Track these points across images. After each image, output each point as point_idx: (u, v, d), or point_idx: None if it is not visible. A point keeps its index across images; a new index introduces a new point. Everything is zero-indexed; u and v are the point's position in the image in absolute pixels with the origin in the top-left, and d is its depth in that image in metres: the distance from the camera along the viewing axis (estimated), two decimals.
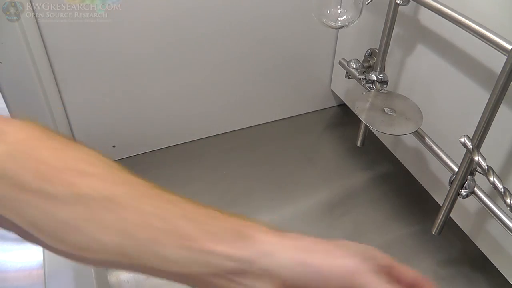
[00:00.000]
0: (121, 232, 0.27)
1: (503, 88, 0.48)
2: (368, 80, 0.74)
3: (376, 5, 0.70)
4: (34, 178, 0.26)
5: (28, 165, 0.27)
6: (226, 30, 0.82)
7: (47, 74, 0.73)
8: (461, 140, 0.36)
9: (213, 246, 0.27)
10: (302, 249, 0.29)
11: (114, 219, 0.27)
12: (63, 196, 0.26)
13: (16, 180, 0.26)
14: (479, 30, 0.51)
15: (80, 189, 0.27)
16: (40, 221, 0.26)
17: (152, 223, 0.27)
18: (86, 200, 0.26)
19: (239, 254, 0.27)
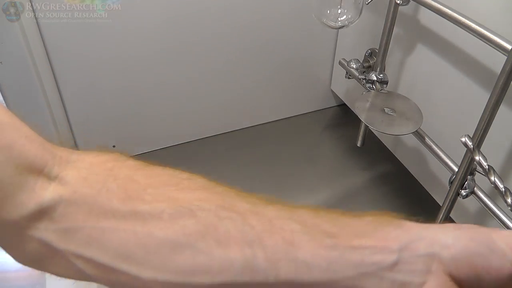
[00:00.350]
0: (249, 242, 0.21)
1: (503, 88, 0.48)
2: (368, 80, 0.74)
3: (376, 5, 0.70)
4: (121, 199, 0.22)
5: (111, 185, 0.22)
6: (226, 30, 0.82)
7: (47, 74, 0.73)
8: (462, 140, 0.36)
9: (359, 241, 0.23)
10: (462, 229, 0.24)
11: (237, 229, 0.22)
12: (163, 212, 0.21)
13: (98, 206, 0.22)
14: (479, 30, 0.51)
15: (185, 202, 0.22)
16: (133, 248, 0.21)
17: (282, 226, 0.23)
18: (196, 213, 0.22)
19: (389, 244, 0.23)
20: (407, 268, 0.23)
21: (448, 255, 0.23)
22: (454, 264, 0.23)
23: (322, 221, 0.23)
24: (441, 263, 0.23)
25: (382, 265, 0.22)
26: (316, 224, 0.23)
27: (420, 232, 0.24)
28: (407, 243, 0.23)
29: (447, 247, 0.23)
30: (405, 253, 0.23)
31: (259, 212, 0.23)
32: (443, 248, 0.23)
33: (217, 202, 0.23)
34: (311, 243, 0.22)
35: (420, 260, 0.23)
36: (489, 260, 0.22)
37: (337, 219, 0.24)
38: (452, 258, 0.23)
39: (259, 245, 0.22)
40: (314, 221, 0.23)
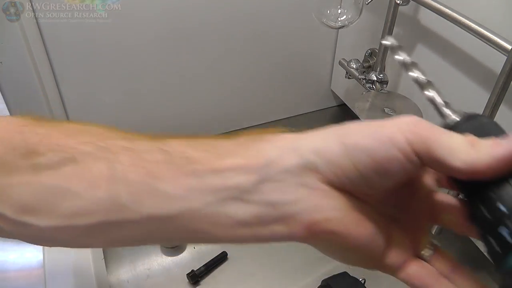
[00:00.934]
0: (116, 180, 0.21)
1: (503, 88, 0.48)
2: (368, 80, 0.74)
3: (376, 5, 0.70)
4: (23, 155, 0.22)
5: (18, 144, 0.22)
6: (226, 30, 0.82)
7: (47, 74, 0.73)
8: (384, 42, 0.30)
9: (222, 163, 0.21)
10: (335, 133, 0.21)
11: (106, 167, 0.21)
12: (51, 160, 0.21)
13: (5, 164, 0.22)
14: (479, 30, 0.51)
15: (68, 147, 0.22)
16: (30, 200, 0.21)
17: (149, 159, 0.21)
18: (76, 157, 0.21)
19: (253, 161, 0.21)
20: (274, 186, 0.20)
21: (322, 161, 0.21)
22: (332, 169, 0.21)
23: (189, 148, 0.22)
24: (317, 172, 0.21)
25: (244, 186, 0.20)
26: (182, 152, 0.22)
27: (290, 143, 0.21)
28: (273, 158, 0.21)
29: (319, 153, 0.21)
30: (271, 169, 0.20)
31: (133, 148, 0.22)
32: (316, 154, 0.21)
33: (97, 144, 0.22)
34: (171, 172, 0.21)
35: (288, 174, 0.20)
36: (374, 154, 0.20)
37: (207, 143, 0.22)
38: (327, 163, 0.20)
39: (124, 181, 0.21)
40: (181, 149, 0.22)
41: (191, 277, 0.68)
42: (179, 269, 0.70)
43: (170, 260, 0.72)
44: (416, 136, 0.20)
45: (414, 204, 0.24)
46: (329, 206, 0.21)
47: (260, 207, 0.20)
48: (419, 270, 0.24)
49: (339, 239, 0.21)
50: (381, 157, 0.20)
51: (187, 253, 0.73)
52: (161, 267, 0.71)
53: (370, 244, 0.22)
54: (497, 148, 0.19)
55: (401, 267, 0.24)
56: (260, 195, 0.20)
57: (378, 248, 0.23)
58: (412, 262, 0.24)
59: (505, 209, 0.20)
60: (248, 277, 0.68)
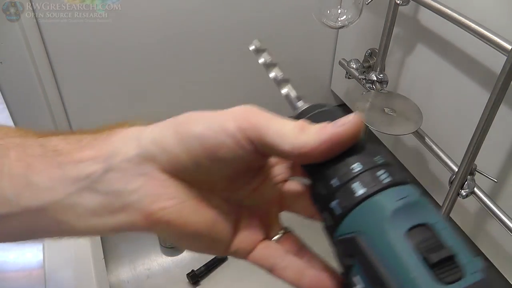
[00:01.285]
0: (1, 174, 0.22)
1: (503, 88, 0.48)
2: (368, 80, 0.74)
3: (376, 5, 0.70)
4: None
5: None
6: (226, 30, 0.82)
7: (47, 74, 0.73)
8: (251, 47, 0.31)
9: (80, 154, 0.22)
10: (172, 123, 0.23)
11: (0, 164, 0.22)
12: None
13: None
14: (479, 30, 0.51)
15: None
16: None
17: (30, 153, 0.22)
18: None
19: (101, 152, 0.22)
20: (118, 176, 0.21)
21: (159, 151, 0.21)
22: (168, 158, 0.21)
23: (63, 141, 0.23)
24: (154, 162, 0.21)
25: (93, 176, 0.21)
26: (55, 145, 0.22)
27: (134, 134, 0.22)
28: (117, 149, 0.21)
29: (157, 142, 0.21)
30: (115, 159, 0.21)
31: (22, 144, 0.23)
32: (154, 144, 0.21)
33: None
34: (43, 164, 0.22)
35: (130, 164, 0.21)
36: (205, 141, 0.21)
37: (78, 137, 0.23)
38: (163, 152, 0.21)
39: (9, 175, 0.21)
40: (55, 143, 0.22)
41: (191, 277, 0.68)
42: (179, 269, 0.70)
43: (170, 260, 0.72)
44: (249, 124, 0.22)
45: (264, 191, 0.25)
46: (166, 195, 0.21)
47: (106, 196, 0.21)
48: (265, 251, 0.25)
49: (177, 228, 0.22)
50: (211, 144, 0.21)
51: (187, 253, 0.72)
52: (161, 267, 0.71)
53: (212, 231, 0.23)
54: (323, 131, 0.21)
55: (250, 252, 0.24)
56: (106, 185, 0.21)
57: (222, 235, 0.23)
58: (259, 245, 0.25)
59: (335, 184, 0.21)
60: (248, 277, 0.68)
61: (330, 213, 0.22)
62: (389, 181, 0.21)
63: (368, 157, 0.22)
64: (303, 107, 0.28)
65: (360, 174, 0.21)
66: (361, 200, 0.20)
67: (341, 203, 0.21)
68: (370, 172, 0.21)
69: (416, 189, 0.21)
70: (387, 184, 0.21)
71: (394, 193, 0.20)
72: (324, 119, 0.23)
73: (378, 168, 0.21)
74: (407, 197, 0.20)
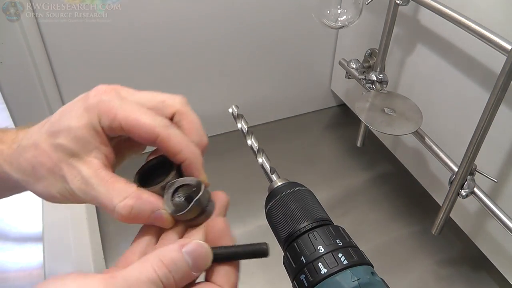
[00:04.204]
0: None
1: (503, 88, 0.48)
2: (368, 80, 0.74)
3: (376, 5, 0.70)
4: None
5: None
6: (226, 30, 0.82)
7: (47, 74, 0.73)
8: (229, 110, 0.39)
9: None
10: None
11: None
12: None
13: None
14: (479, 30, 0.51)
15: None
16: None
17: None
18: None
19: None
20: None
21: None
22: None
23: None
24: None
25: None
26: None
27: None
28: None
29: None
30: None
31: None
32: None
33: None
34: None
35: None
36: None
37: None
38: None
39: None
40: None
41: None
42: None
43: None
44: None
45: None
46: None
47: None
48: None
49: None
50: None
51: None
52: None
53: None
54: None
55: None
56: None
57: None
58: None
59: (304, 260, 0.27)
60: (248, 277, 0.68)
61: (298, 284, 0.27)
62: (347, 263, 0.26)
63: (330, 239, 0.27)
64: (275, 185, 0.33)
65: (324, 255, 0.26)
66: (323, 278, 0.25)
67: (307, 278, 0.26)
68: (332, 254, 0.26)
69: (368, 271, 0.26)
70: (345, 265, 0.26)
71: (351, 274, 0.25)
72: (294, 201, 0.30)
73: (338, 250, 0.26)
74: (360, 279, 0.25)
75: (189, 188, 0.30)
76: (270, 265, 0.70)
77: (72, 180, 0.29)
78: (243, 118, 0.35)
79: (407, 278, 0.70)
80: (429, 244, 0.74)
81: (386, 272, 0.32)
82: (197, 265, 0.25)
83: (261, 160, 0.34)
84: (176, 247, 0.25)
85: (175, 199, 0.29)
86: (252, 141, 0.34)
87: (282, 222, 0.30)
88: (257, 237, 0.28)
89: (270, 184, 0.33)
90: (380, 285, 0.26)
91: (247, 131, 0.34)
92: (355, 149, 0.87)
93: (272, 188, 0.32)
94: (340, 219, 0.80)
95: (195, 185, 0.30)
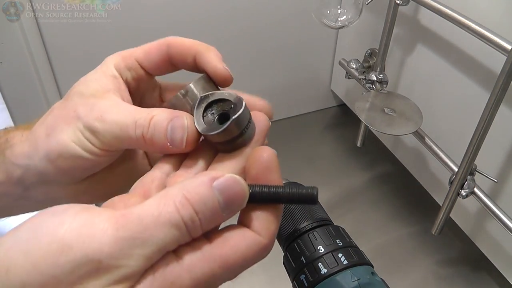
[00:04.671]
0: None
1: (503, 88, 0.48)
2: (368, 80, 0.74)
3: (376, 5, 0.70)
4: None
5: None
6: (226, 31, 0.82)
7: (47, 74, 0.73)
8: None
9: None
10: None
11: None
12: None
13: None
14: (479, 30, 0.51)
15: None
16: None
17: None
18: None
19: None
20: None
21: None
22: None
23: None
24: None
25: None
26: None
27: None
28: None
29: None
30: None
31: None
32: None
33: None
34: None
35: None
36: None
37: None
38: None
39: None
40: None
41: None
42: None
43: None
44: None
45: None
46: None
47: None
48: None
49: None
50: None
51: None
52: None
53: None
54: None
55: None
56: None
57: None
58: None
59: (304, 260, 0.27)
60: (248, 277, 0.68)
61: (298, 284, 0.27)
62: (347, 264, 0.26)
63: (330, 240, 0.27)
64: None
65: (324, 255, 0.26)
66: (324, 278, 0.25)
67: (307, 278, 0.26)
68: (332, 254, 0.26)
69: (368, 271, 0.26)
70: (345, 266, 0.26)
71: (350, 274, 0.25)
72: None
73: (338, 250, 0.27)
74: (360, 279, 0.25)
75: (226, 105, 0.25)
76: (270, 265, 0.70)
77: (88, 114, 0.25)
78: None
79: (407, 278, 0.70)
80: (429, 244, 0.74)
81: (386, 272, 0.32)
82: (229, 205, 0.20)
83: None
84: (206, 181, 0.20)
85: (208, 115, 0.24)
86: None
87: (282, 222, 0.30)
88: None
89: None
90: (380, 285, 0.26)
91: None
92: (355, 149, 0.87)
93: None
94: (340, 219, 0.79)
95: (234, 101, 0.25)
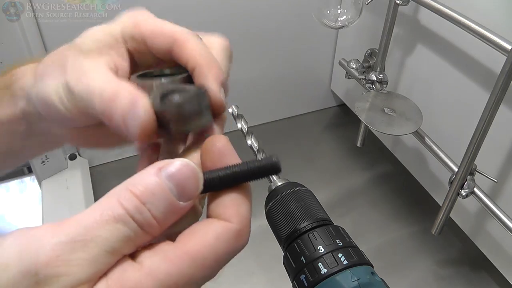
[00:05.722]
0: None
1: (503, 88, 0.48)
2: (368, 80, 0.74)
3: (376, 5, 0.70)
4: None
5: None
6: (226, 31, 0.81)
7: None
8: (229, 110, 0.38)
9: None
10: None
11: None
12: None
13: None
14: (479, 30, 0.51)
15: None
16: None
17: None
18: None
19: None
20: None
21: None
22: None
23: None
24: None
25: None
26: None
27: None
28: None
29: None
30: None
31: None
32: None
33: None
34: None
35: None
36: None
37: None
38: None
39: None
40: None
41: None
42: None
43: None
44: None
45: None
46: None
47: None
48: None
49: None
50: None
51: None
52: None
53: None
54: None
55: None
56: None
57: None
58: None
59: (304, 260, 0.27)
60: (248, 277, 0.68)
61: (298, 284, 0.27)
62: (347, 263, 0.26)
63: (330, 240, 0.27)
64: (275, 185, 0.33)
65: (324, 255, 0.26)
66: (323, 278, 0.25)
67: (307, 278, 0.26)
68: (332, 254, 0.26)
69: (368, 271, 0.26)
70: (345, 266, 0.26)
71: (350, 274, 0.25)
72: (294, 201, 0.30)
73: (338, 250, 0.26)
74: (360, 279, 0.25)
75: (188, 94, 0.24)
76: (270, 265, 0.70)
77: (71, 71, 0.26)
78: (243, 118, 0.35)
79: (407, 278, 0.70)
80: (429, 244, 0.74)
81: (386, 272, 0.32)
82: (183, 191, 0.19)
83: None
84: (152, 171, 0.19)
85: (166, 100, 0.23)
86: (252, 141, 0.34)
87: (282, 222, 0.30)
88: (257, 237, 0.28)
89: (270, 184, 0.33)
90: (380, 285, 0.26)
91: (247, 131, 0.34)
92: (355, 149, 0.87)
93: (272, 188, 0.32)
94: (340, 219, 0.80)
95: (195, 91, 0.24)
